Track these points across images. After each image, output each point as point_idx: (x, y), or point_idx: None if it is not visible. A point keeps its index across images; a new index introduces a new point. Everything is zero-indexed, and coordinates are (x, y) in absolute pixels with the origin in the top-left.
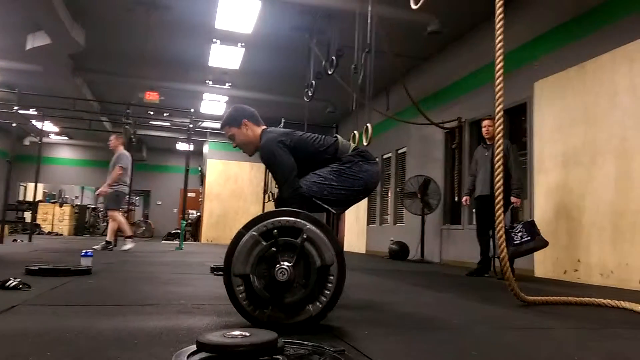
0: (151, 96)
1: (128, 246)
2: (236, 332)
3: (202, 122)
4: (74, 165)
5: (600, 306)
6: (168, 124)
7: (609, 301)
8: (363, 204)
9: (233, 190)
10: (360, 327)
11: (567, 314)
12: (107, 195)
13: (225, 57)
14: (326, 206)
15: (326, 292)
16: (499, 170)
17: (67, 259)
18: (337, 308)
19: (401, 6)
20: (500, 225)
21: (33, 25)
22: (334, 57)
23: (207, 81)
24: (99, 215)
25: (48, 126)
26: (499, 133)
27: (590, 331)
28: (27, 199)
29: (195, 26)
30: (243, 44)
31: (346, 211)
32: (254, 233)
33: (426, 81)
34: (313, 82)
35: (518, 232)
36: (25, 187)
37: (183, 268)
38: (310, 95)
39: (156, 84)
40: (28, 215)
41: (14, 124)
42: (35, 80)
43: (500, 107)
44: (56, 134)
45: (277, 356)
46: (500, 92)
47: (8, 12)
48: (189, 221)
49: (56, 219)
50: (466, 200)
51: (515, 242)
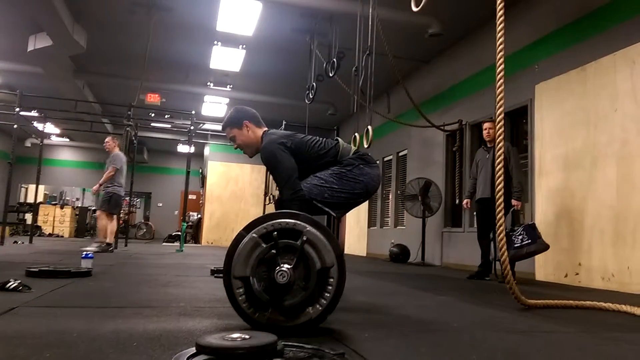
0: (152, 98)
1: (93, 247)
2: (236, 335)
3: (203, 124)
4: (75, 167)
5: (601, 310)
6: (169, 126)
7: (610, 305)
8: (364, 207)
9: (234, 192)
10: (360, 330)
11: (568, 318)
12: (102, 196)
13: (226, 59)
14: (326, 209)
15: (326, 295)
16: (500, 173)
17: (68, 261)
18: (337, 311)
19: (402, 8)
20: (501, 228)
21: (34, 27)
22: (335, 59)
23: (208, 83)
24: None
25: (49, 128)
26: (500, 136)
27: (591, 335)
28: (28, 201)
29: (196, 28)
30: (244, 46)
31: (347, 214)
32: (254, 235)
33: (427, 83)
34: (314, 84)
35: (519, 235)
36: (26, 189)
37: (183, 270)
38: (311, 97)
39: (157, 86)
40: (29, 216)
41: (15, 126)
42: (36, 81)
43: (501, 110)
44: (57, 136)
45: (277, 359)
46: (501, 95)
47: (10, 14)
48: (190, 223)
49: (57, 221)
50: (467, 203)
51: (515, 245)
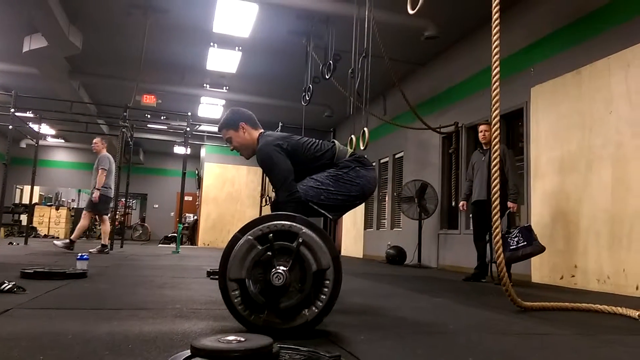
0: (148, 99)
1: (60, 243)
2: (231, 337)
3: (200, 126)
4: (71, 168)
5: (597, 312)
6: (165, 127)
7: (606, 307)
8: (360, 208)
9: (230, 193)
10: (356, 332)
11: (564, 320)
12: (95, 199)
13: (222, 61)
14: (323, 211)
15: (322, 297)
16: (496, 175)
17: (63, 263)
18: (333, 313)
19: (398, 11)
20: (497, 230)
21: (30, 27)
22: (331, 62)
23: (205, 85)
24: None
25: (45, 129)
26: (496, 138)
27: (586, 337)
28: (24, 202)
29: (192, 30)
30: (240, 48)
31: (343, 215)
32: (250, 237)
33: (423, 86)
34: (310, 86)
35: (514, 238)
36: (21, 190)
37: (179, 272)
38: (307, 99)
39: (153, 87)
40: (24, 217)
41: (10, 127)
42: (32, 82)
43: (496, 112)
44: (53, 137)
45: None
46: (496, 98)
47: (5, 14)
48: (186, 225)
49: (52, 222)
50: (463, 205)
51: (511, 247)
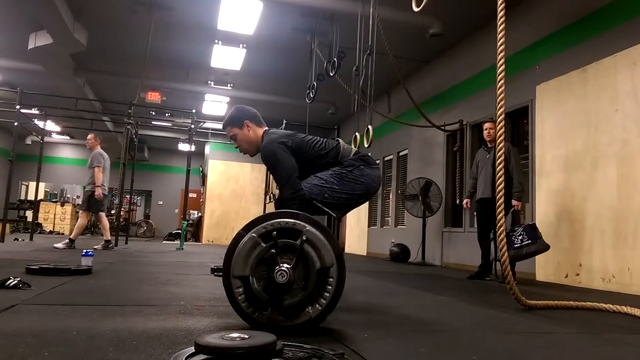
0: (153, 96)
1: (61, 245)
2: (235, 334)
3: (204, 123)
4: (76, 164)
5: (601, 311)
6: (170, 125)
7: (611, 306)
8: (364, 206)
9: (234, 190)
10: (360, 330)
11: (568, 319)
12: (83, 195)
13: (227, 58)
14: (326, 209)
15: (326, 295)
16: (500, 173)
17: (68, 259)
18: (337, 310)
19: (403, 8)
20: (501, 228)
21: (35, 24)
22: (336, 59)
23: (209, 82)
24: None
25: (50, 125)
26: (501, 136)
27: (591, 336)
28: (29, 198)
29: (197, 27)
30: (245, 45)
31: (347, 214)
32: (254, 235)
33: (428, 83)
34: (315, 84)
35: (519, 236)
36: (26, 186)
37: (183, 269)
38: (311, 96)
39: (158, 84)
40: (29, 214)
41: (16, 123)
42: (37, 79)
43: (501, 110)
44: (58, 134)
45: (276, 359)
46: (501, 95)
47: (10, 12)
48: (190, 221)
49: (57, 218)
50: (467, 203)
51: (515, 246)
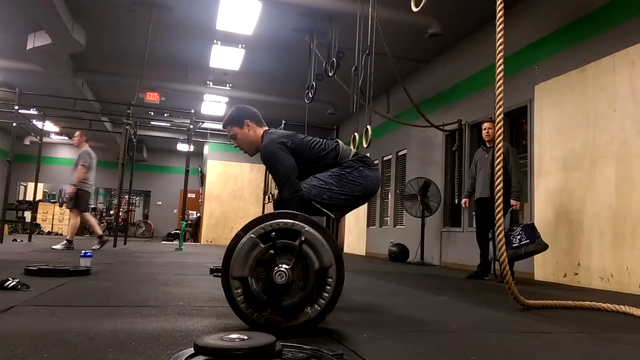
0: (152, 97)
1: (59, 247)
2: (234, 335)
3: (203, 123)
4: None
5: (600, 310)
6: (168, 125)
7: (609, 305)
8: (363, 206)
9: (233, 191)
10: (359, 330)
11: (567, 318)
12: (71, 194)
13: (225, 58)
14: (325, 210)
15: (325, 295)
16: (499, 173)
17: (67, 260)
18: (336, 310)
19: (402, 8)
20: (500, 228)
21: (34, 25)
22: (335, 59)
23: (208, 82)
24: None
25: (48, 126)
26: (499, 136)
27: (590, 336)
28: (27, 199)
29: (196, 27)
30: (244, 45)
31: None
32: (252, 235)
33: (426, 83)
34: (314, 84)
35: (517, 235)
36: (25, 187)
37: (182, 269)
38: (310, 96)
39: (157, 85)
40: (28, 214)
41: (14, 124)
42: (35, 80)
43: (500, 110)
44: (56, 134)
45: None
46: (500, 95)
47: (9, 12)
48: (189, 222)
49: (56, 219)
50: (466, 202)
51: (514, 245)
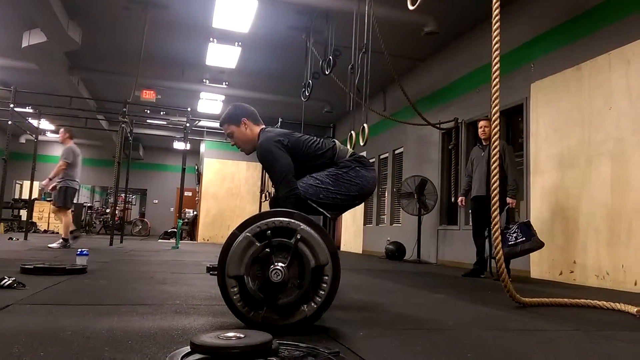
0: (148, 95)
1: (57, 245)
2: (230, 334)
3: (199, 121)
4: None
5: (595, 308)
6: (165, 123)
7: (605, 303)
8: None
9: (230, 189)
10: (355, 328)
11: (563, 316)
12: (55, 191)
13: (222, 56)
14: (321, 209)
15: (321, 293)
16: (495, 171)
17: (63, 258)
18: (332, 309)
19: (398, 7)
20: (496, 226)
21: (29, 22)
22: (331, 57)
23: (204, 80)
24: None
25: (44, 124)
26: (496, 134)
27: (585, 333)
28: (23, 197)
29: (192, 25)
30: (240, 43)
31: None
32: (248, 234)
33: (423, 82)
34: (310, 82)
35: (513, 233)
36: (21, 185)
37: (179, 267)
38: (307, 94)
39: (153, 83)
40: (24, 213)
41: (10, 122)
42: (31, 78)
43: (496, 109)
44: (52, 132)
45: (272, 358)
46: (496, 94)
47: (4, 10)
48: (186, 220)
49: (52, 217)
50: (462, 200)
51: (510, 243)
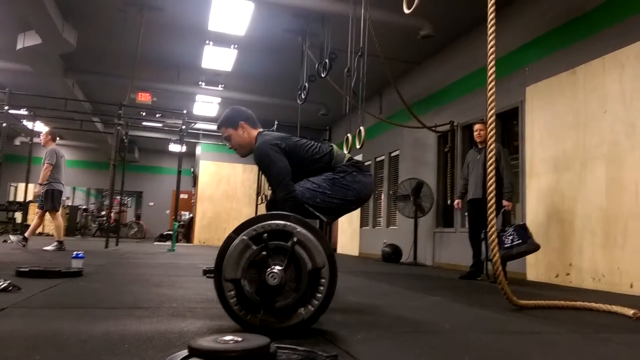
0: (143, 97)
1: (52, 247)
2: (228, 337)
3: (195, 124)
4: (65, 165)
5: (592, 310)
6: (160, 125)
7: (601, 305)
8: None
9: (225, 191)
10: (353, 331)
11: (559, 318)
12: (41, 195)
13: (218, 59)
14: (317, 213)
15: (318, 295)
16: (492, 174)
17: (58, 261)
18: (330, 311)
19: (394, 10)
20: (492, 228)
21: (24, 24)
22: (327, 60)
23: (200, 83)
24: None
25: (39, 126)
26: (491, 137)
27: (581, 335)
28: (18, 200)
29: (188, 28)
30: (236, 46)
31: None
32: (244, 237)
33: (419, 85)
34: (306, 85)
35: (509, 236)
36: (15, 188)
37: (175, 270)
38: (303, 97)
39: (148, 85)
40: (19, 215)
41: (4, 124)
42: (26, 80)
43: (492, 112)
44: None
45: None
46: (492, 97)
47: None
48: (181, 223)
49: (47, 220)
50: (458, 203)
51: (506, 245)
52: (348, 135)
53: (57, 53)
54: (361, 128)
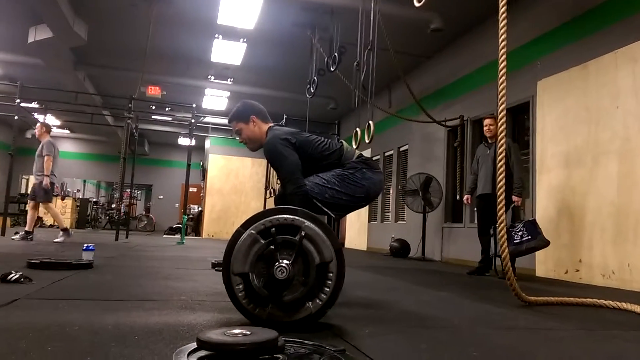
0: (153, 91)
1: (60, 239)
2: (237, 330)
3: (204, 117)
4: (76, 158)
5: (601, 307)
6: (170, 119)
7: (610, 302)
8: None
9: (234, 185)
10: (360, 326)
11: (568, 315)
12: (35, 186)
13: (227, 53)
14: (326, 209)
15: (326, 290)
16: (502, 169)
17: (69, 253)
18: (337, 306)
19: (404, 3)
20: (502, 224)
21: (35, 18)
22: (336, 54)
23: (209, 76)
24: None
25: (50, 119)
26: (502, 132)
27: (591, 333)
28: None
29: (197, 21)
30: (245, 40)
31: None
32: (252, 231)
33: (428, 79)
34: (315, 79)
35: (519, 232)
36: (27, 180)
37: (184, 263)
38: (312, 91)
39: (158, 79)
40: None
41: (16, 117)
42: (37, 73)
43: (503, 106)
44: (58, 127)
45: (278, 355)
46: (503, 91)
47: (10, 5)
48: (191, 216)
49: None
50: (467, 198)
51: (515, 241)
52: (357, 129)
53: (68, 46)
54: (370, 122)
